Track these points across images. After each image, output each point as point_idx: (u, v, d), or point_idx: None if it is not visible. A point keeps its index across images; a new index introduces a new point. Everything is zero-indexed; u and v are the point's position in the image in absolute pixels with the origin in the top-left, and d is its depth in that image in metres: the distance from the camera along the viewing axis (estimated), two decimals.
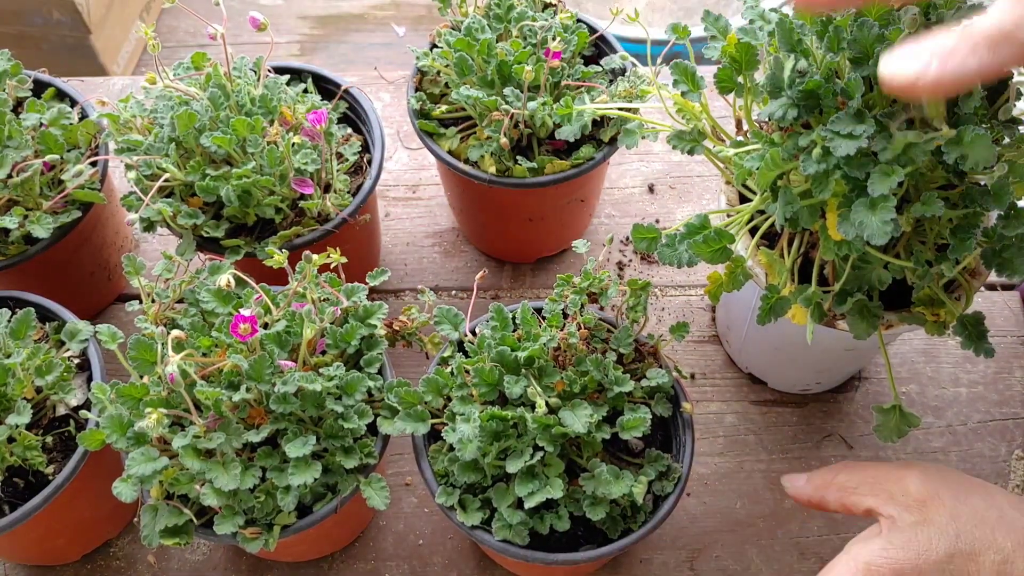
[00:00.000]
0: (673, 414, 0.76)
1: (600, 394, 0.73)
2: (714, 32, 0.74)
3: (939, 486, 0.64)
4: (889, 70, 0.49)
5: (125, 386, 0.68)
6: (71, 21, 2.04)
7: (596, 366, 0.72)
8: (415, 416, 0.72)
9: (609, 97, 0.87)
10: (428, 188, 1.15)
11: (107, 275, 1.01)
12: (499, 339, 0.72)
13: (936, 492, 0.63)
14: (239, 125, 0.80)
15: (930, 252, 0.67)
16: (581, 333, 0.73)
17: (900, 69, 0.49)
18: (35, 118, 0.88)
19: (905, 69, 0.49)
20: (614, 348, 0.76)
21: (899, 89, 0.50)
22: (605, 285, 0.76)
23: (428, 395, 0.72)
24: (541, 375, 0.71)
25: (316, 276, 0.76)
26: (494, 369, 0.69)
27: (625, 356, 0.77)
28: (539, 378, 0.70)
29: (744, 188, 0.78)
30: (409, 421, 0.71)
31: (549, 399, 0.68)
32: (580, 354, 0.73)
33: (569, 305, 0.75)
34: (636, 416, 0.70)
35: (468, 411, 0.69)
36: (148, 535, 0.68)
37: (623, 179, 1.15)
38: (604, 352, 0.76)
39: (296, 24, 2.47)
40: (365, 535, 0.90)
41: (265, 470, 0.69)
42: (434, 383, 0.72)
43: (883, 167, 0.58)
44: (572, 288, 0.77)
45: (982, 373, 0.99)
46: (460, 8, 0.95)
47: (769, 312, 0.71)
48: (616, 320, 0.79)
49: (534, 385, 0.69)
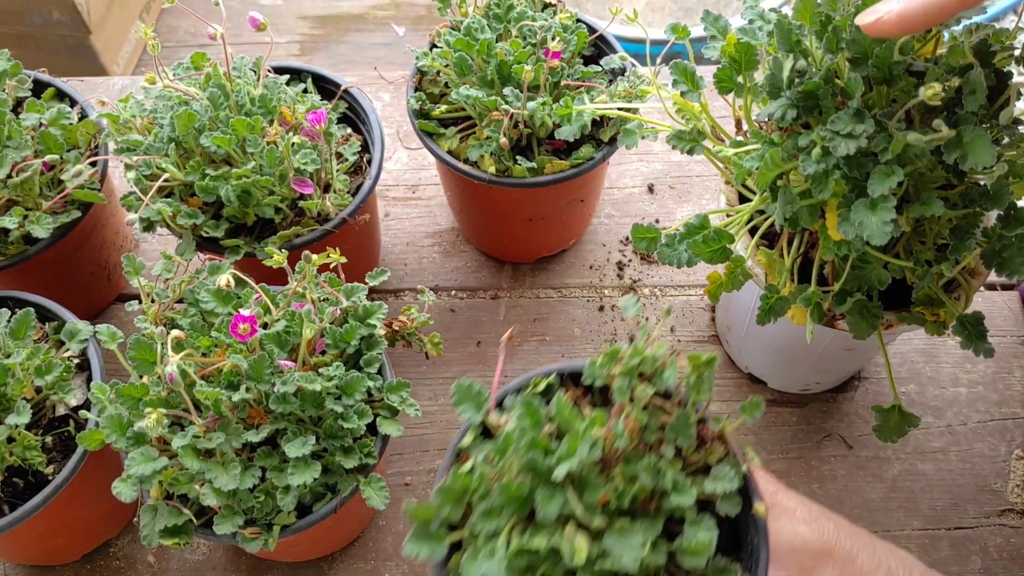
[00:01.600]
0: (743, 511, 0.58)
1: (652, 500, 0.56)
2: (714, 32, 0.74)
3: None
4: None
5: (125, 386, 0.68)
6: (71, 21, 2.04)
7: (650, 472, 0.55)
8: (430, 537, 0.55)
9: (609, 97, 0.87)
10: (428, 188, 1.15)
11: (107, 275, 1.01)
12: (528, 442, 0.54)
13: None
14: (239, 125, 0.80)
15: (930, 252, 0.67)
16: (630, 427, 0.55)
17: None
18: (35, 118, 0.88)
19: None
20: (671, 439, 0.57)
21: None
22: (661, 365, 0.57)
23: (446, 507, 0.55)
24: (582, 488, 0.54)
25: (316, 276, 0.76)
26: (523, 483, 0.54)
27: (685, 449, 0.58)
28: (579, 491, 0.54)
29: (744, 188, 0.78)
30: (424, 543, 0.55)
31: (592, 522, 0.53)
32: (630, 453, 0.55)
33: (615, 392, 0.56)
34: (699, 540, 0.53)
35: (493, 529, 0.53)
36: (148, 535, 0.68)
37: (623, 179, 1.15)
38: (660, 445, 0.57)
39: (296, 24, 2.46)
40: (365, 535, 0.90)
41: (265, 470, 0.69)
42: (452, 493, 0.56)
43: (883, 167, 0.58)
44: (620, 367, 0.57)
45: (982, 373, 0.99)
46: (460, 8, 0.95)
47: (769, 312, 0.71)
48: (671, 390, 0.59)
49: (573, 504, 0.53)
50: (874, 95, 0.62)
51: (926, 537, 0.89)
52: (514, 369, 1.00)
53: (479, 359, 1.01)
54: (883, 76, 0.61)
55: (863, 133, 0.58)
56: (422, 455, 0.95)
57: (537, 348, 1.02)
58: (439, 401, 0.98)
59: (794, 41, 0.64)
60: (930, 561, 0.88)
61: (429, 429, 0.96)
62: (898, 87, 0.61)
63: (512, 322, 1.04)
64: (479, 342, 1.03)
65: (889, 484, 0.92)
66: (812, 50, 0.65)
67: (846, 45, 0.61)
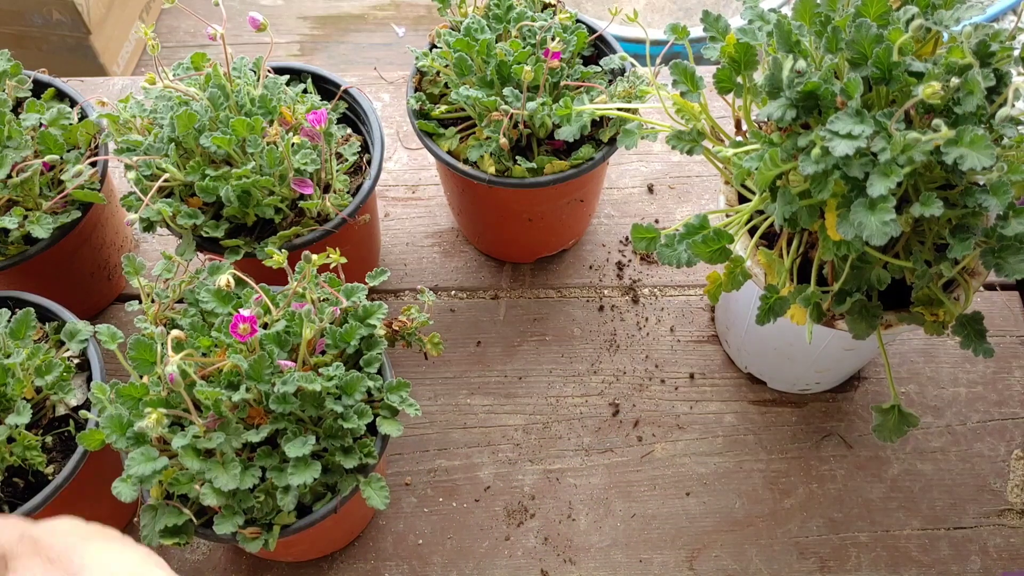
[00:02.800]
0: None
1: None
2: (713, 32, 0.74)
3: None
4: None
5: (125, 386, 0.68)
6: (71, 21, 2.04)
7: None
8: None
9: (608, 97, 0.87)
10: (428, 188, 1.15)
11: (107, 275, 1.01)
12: None
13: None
14: (239, 125, 0.80)
15: (929, 252, 0.68)
16: None
17: None
18: (35, 118, 0.88)
19: None
20: None
21: None
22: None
23: None
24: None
25: (316, 276, 0.76)
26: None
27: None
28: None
29: (743, 188, 0.78)
30: None
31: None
32: None
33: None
34: None
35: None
36: (148, 535, 0.68)
37: (622, 179, 1.15)
38: None
39: (296, 24, 2.46)
40: (365, 535, 0.90)
41: (265, 470, 0.69)
42: None
43: (882, 167, 0.58)
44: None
45: (981, 373, 0.99)
46: (460, 8, 0.95)
47: (768, 312, 0.71)
48: None
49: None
50: (874, 95, 0.62)
51: (926, 537, 0.89)
52: (514, 369, 1.00)
53: (479, 359, 1.01)
54: (883, 76, 0.61)
55: (863, 133, 0.58)
56: (422, 455, 0.95)
57: (537, 348, 1.02)
58: (439, 401, 0.99)
59: (794, 41, 0.64)
60: (930, 561, 0.88)
61: (429, 429, 0.97)
62: (897, 87, 0.61)
63: (512, 322, 1.04)
64: (479, 342, 1.03)
65: (889, 484, 0.92)
66: (812, 50, 0.65)
67: (846, 45, 0.61)
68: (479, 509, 0.92)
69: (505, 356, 1.02)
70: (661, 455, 0.94)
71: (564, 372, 1.00)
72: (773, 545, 0.89)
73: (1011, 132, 0.62)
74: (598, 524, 0.90)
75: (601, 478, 0.93)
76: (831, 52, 0.62)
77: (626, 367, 1.00)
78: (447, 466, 0.94)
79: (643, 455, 0.94)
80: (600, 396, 0.98)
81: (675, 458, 0.94)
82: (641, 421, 0.97)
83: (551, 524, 0.91)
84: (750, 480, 0.93)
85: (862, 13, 0.63)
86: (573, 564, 0.88)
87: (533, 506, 0.92)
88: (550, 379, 1.00)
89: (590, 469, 0.94)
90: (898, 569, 0.87)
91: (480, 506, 0.92)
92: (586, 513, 0.91)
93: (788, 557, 0.88)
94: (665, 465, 0.94)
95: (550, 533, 0.90)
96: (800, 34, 0.64)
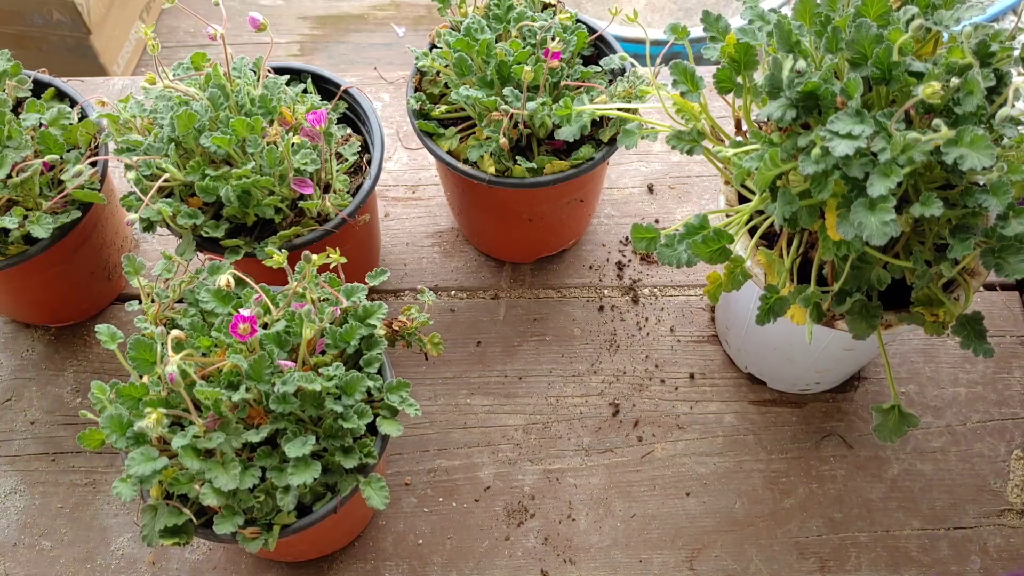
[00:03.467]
0: None
1: None
2: (713, 32, 0.74)
3: None
4: None
5: (125, 386, 0.68)
6: (71, 21, 2.04)
7: None
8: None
9: (608, 97, 0.87)
10: (428, 188, 1.15)
11: (107, 275, 1.01)
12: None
13: None
14: (239, 125, 0.80)
15: (929, 252, 0.68)
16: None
17: None
18: (35, 118, 0.88)
19: None
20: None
21: None
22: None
23: None
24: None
25: (316, 276, 0.76)
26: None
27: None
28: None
29: (743, 188, 0.78)
30: None
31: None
32: None
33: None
34: None
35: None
36: (148, 535, 0.68)
37: (622, 179, 1.15)
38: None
39: (296, 24, 2.46)
40: (365, 535, 0.90)
41: (265, 470, 0.69)
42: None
43: (882, 167, 0.58)
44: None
45: (981, 373, 0.99)
46: (460, 8, 0.95)
47: (768, 312, 0.71)
48: None
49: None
50: (874, 95, 0.62)
51: (926, 537, 0.89)
52: (514, 369, 1.00)
53: (479, 359, 1.01)
54: (883, 76, 0.61)
55: (862, 133, 0.58)
56: (422, 455, 0.95)
57: (537, 348, 1.02)
58: (439, 401, 0.99)
59: (794, 41, 0.64)
60: (930, 561, 0.88)
61: (429, 429, 0.97)
62: (897, 87, 0.61)
63: (512, 322, 1.04)
64: (479, 342, 1.03)
65: (889, 484, 0.92)
66: (812, 50, 0.65)
67: (846, 45, 0.61)
68: (479, 509, 0.92)
69: (505, 356, 1.02)
70: (661, 455, 0.94)
71: (564, 372, 1.00)
72: (773, 545, 0.89)
73: (1011, 132, 0.62)
74: (598, 524, 0.90)
75: (601, 478, 0.93)
76: (831, 52, 0.62)
77: (626, 367, 1.00)
78: (447, 466, 0.94)
79: (643, 455, 0.94)
80: (600, 396, 0.98)
81: (675, 458, 0.94)
82: (641, 421, 0.97)
83: (551, 524, 0.91)
84: (750, 480, 0.93)
85: (862, 13, 0.63)
86: (573, 564, 0.88)
87: (533, 506, 0.92)
88: (550, 379, 1.00)
89: (590, 469, 0.94)
90: (898, 569, 0.87)
91: (480, 506, 0.92)
92: (586, 513, 0.91)
93: (788, 557, 0.88)
94: (665, 465, 0.94)
95: (550, 533, 0.90)
96: (800, 34, 0.64)
